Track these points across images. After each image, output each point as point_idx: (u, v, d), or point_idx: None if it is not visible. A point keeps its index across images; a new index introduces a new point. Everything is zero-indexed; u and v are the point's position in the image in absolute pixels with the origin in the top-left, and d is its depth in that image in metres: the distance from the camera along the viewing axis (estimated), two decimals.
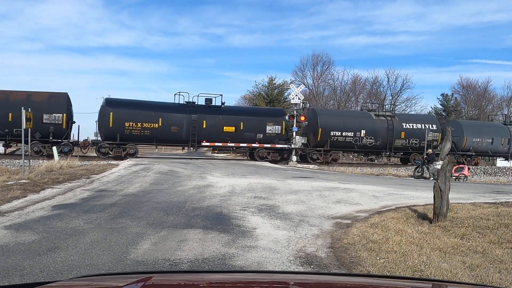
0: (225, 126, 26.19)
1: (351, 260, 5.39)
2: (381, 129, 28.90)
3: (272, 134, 26.92)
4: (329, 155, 28.02)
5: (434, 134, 29.85)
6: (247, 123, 26.52)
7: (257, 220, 7.74)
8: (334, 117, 29.23)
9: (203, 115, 25.82)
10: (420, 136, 29.15)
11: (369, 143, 28.89)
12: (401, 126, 29.45)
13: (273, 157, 26.92)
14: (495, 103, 57.50)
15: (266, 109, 28.68)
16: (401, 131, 29.41)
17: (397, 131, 29.22)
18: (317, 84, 55.78)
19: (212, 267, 4.86)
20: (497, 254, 5.76)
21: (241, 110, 29.03)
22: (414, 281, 2.28)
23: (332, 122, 28.24)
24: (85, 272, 4.46)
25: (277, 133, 27.03)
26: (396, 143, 29.39)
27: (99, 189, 11.23)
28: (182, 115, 25.51)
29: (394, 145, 29.26)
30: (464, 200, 10.71)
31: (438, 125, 30.85)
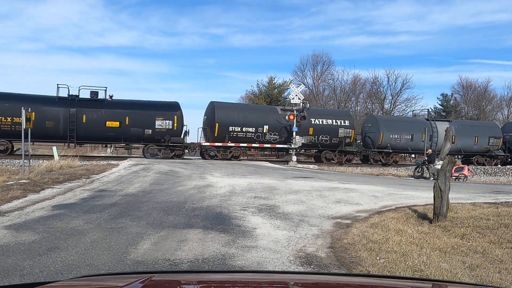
0: (108, 121, 24.00)
1: (351, 260, 5.39)
2: (286, 124, 27.29)
3: (162, 130, 24.91)
4: (229, 152, 26.44)
5: (347, 130, 28.57)
6: (133, 118, 24.38)
7: (257, 220, 7.74)
8: (233, 111, 27.31)
9: (84, 108, 23.78)
10: (331, 132, 28.07)
11: (273, 139, 27.24)
12: (309, 122, 27.79)
13: (165, 154, 25.01)
14: (495, 103, 57.54)
15: (157, 102, 26.54)
16: (309, 127, 27.83)
17: (305, 126, 27.61)
18: (317, 84, 55.80)
19: (212, 267, 4.86)
20: (497, 254, 5.76)
21: (128, 103, 25.87)
22: (414, 281, 2.28)
23: (231, 117, 26.62)
24: (85, 272, 4.46)
25: (168, 128, 24.98)
26: (305, 140, 27.58)
27: (99, 189, 11.23)
28: (59, 108, 23.56)
29: (303, 142, 27.55)
30: (464, 200, 10.71)
31: (351, 121, 29.47)
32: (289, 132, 27.16)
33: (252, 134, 26.90)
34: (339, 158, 28.47)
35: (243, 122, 26.85)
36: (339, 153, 28.49)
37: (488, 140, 31.69)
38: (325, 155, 28.49)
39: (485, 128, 32.81)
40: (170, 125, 25.26)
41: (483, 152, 31.65)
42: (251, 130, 26.86)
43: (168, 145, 25.14)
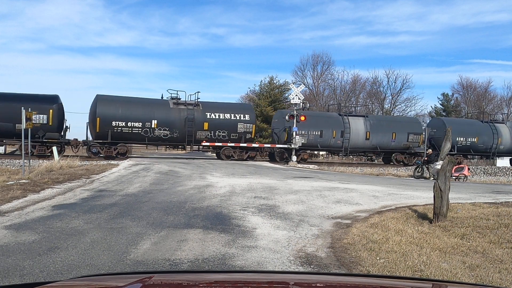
0: None
1: (351, 260, 5.39)
2: (178, 119, 25.69)
3: (36, 125, 23.64)
4: (114, 148, 24.73)
5: (247, 125, 26.84)
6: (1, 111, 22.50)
7: (257, 220, 7.74)
8: (116, 105, 25.15)
9: None
10: (229, 127, 26.43)
11: (164, 135, 25.34)
12: (205, 116, 26.21)
13: (39, 151, 23.74)
14: (495, 103, 57.55)
15: (32, 95, 24.58)
16: (204, 121, 26.14)
17: (199, 121, 25.98)
18: (317, 84, 55.84)
19: (212, 267, 4.86)
20: (497, 254, 5.76)
21: None
22: (414, 281, 2.28)
23: (114, 111, 24.75)
24: (85, 272, 4.46)
25: (42, 123, 23.48)
26: (199, 135, 26.06)
27: (99, 189, 11.23)
28: None
29: (197, 138, 26.05)
30: (464, 200, 10.71)
31: (252, 115, 27.58)
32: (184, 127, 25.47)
33: (139, 129, 24.93)
34: (240, 155, 26.80)
35: (127, 116, 24.83)
36: (240, 149, 26.81)
37: (408, 137, 30.19)
38: (224, 152, 26.75)
39: (404, 124, 31.26)
40: (45, 120, 23.69)
41: (403, 149, 30.24)
42: (137, 125, 24.89)
43: (43, 142, 23.76)
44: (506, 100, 56.84)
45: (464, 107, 58.33)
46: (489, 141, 32.05)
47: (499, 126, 32.88)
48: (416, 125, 32.15)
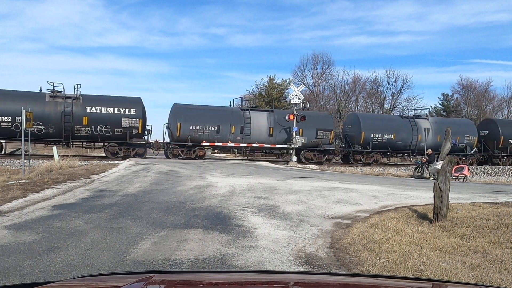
0: None
1: (351, 260, 5.39)
2: (54, 113, 23.99)
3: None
4: None
5: (133, 120, 25.14)
6: None
7: (257, 220, 7.74)
8: None
9: None
10: (113, 122, 24.61)
11: (38, 131, 23.21)
12: (85, 110, 24.38)
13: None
14: (495, 103, 57.54)
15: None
16: (83, 116, 24.32)
17: (79, 116, 24.18)
18: (317, 84, 55.81)
19: (212, 267, 4.86)
20: (497, 254, 5.76)
21: None
22: (414, 281, 2.28)
23: None
24: (85, 272, 4.46)
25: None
26: (79, 131, 24.33)
27: (99, 189, 11.23)
28: None
29: (76, 133, 24.47)
30: (464, 200, 10.71)
31: (139, 110, 25.52)
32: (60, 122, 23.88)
33: (8, 124, 23.12)
34: (126, 152, 25.17)
35: None
36: (126, 146, 25.27)
37: (316, 133, 28.73)
38: (109, 149, 25.18)
39: (313, 120, 29.07)
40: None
41: (312, 147, 28.68)
42: (6, 120, 23.09)
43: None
44: (506, 100, 56.84)
45: (464, 107, 58.33)
46: (408, 137, 30.39)
47: (420, 122, 31.01)
48: (326, 121, 30.30)
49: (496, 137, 32.47)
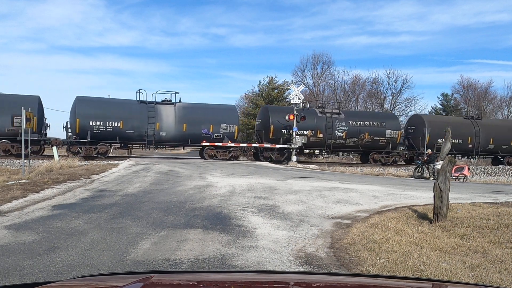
0: None
1: (351, 260, 5.39)
2: None
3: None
4: None
5: None
6: None
7: (257, 220, 7.74)
8: None
9: None
10: None
11: None
12: None
13: None
14: (495, 103, 57.56)
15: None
16: None
17: None
18: (317, 84, 55.83)
19: (212, 267, 4.86)
20: (497, 254, 5.76)
21: None
22: (414, 281, 2.28)
23: None
24: (85, 272, 4.46)
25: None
26: None
27: (99, 189, 11.23)
28: None
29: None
30: (464, 200, 10.71)
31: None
32: None
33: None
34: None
35: None
36: None
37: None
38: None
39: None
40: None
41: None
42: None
43: None
44: (506, 100, 56.86)
45: (464, 107, 58.32)
46: (142, 126, 25.90)
47: (160, 107, 26.67)
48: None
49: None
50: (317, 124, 28.61)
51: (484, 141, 31.50)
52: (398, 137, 29.99)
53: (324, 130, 28.56)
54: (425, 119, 31.38)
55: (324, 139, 28.68)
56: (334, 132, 28.85)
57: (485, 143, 31.58)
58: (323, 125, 28.63)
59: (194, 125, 26.61)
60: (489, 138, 31.60)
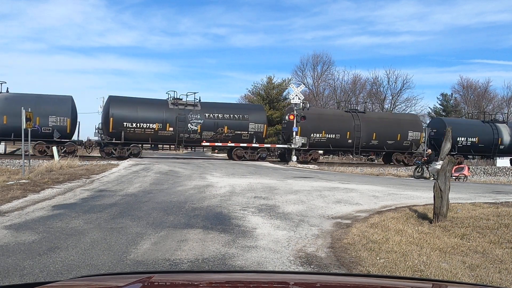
0: None
1: (351, 260, 5.39)
2: None
3: None
4: None
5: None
6: None
7: (257, 220, 7.74)
8: None
9: None
10: None
11: None
12: None
13: None
14: (495, 103, 57.57)
15: None
16: None
17: None
18: (317, 84, 55.83)
19: (212, 267, 4.86)
20: (497, 254, 5.75)
21: None
22: (414, 281, 2.28)
23: None
24: (85, 272, 4.46)
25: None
26: None
27: (99, 189, 11.23)
28: None
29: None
30: (464, 200, 10.71)
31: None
32: None
33: None
34: None
35: None
36: None
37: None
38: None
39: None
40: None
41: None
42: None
43: None
44: (506, 100, 56.87)
45: (464, 107, 58.36)
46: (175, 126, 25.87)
47: None
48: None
49: None
50: (166, 117, 25.67)
51: (366, 136, 29.10)
52: (264, 131, 27.66)
53: (175, 123, 25.71)
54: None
55: (175, 133, 25.79)
56: (187, 126, 26.02)
57: (368, 138, 29.16)
58: (173, 118, 25.80)
59: None
60: (371, 133, 29.15)
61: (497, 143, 32.15)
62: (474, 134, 31.71)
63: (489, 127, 32.49)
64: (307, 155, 28.19)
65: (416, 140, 30.29)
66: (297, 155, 27.50)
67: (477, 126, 32.84)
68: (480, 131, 32.12)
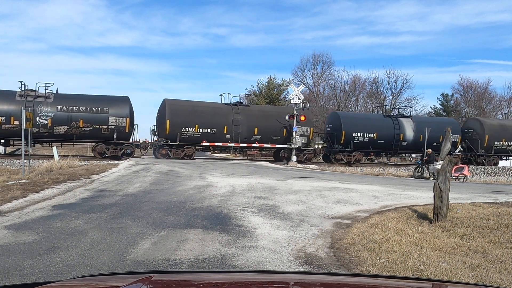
0: None
1: (351, 260, 5.39)
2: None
3: None
4: None
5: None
6: None
7: (257, 220, 7.74)
8: None
9: None
10: None
11: None
12: None
13: None
14: (495, 103, 57.55)
15: None
16: None
17: None
18: (317, 84, 55.80)
19: (212, 267, 4.86)
20: (497, 254, 5.75)
21: None
22: (414, 281, 2.28)
23: None
24: (85, 272, 4.46)
25: None
26: None
27: (99, 189, 11.23)
28: None
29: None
30: (464, 200, 10.71)
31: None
32: None
33: None
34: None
35: None
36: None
37: None
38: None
39: None
40: None
41: None
42: None
43: None
44: (506, 100, 56.86)
45: (464, 107, 58.35)
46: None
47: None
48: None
49: None
50: (11, 109, 23.29)
51: (247, 131, 27.39)
52: (126, 125, 24.86)
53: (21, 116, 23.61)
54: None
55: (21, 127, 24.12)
56: (35, 119, 22.59)
57: (249, 133, 27.47)
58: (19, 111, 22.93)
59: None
60: (253, 128, 27.51)
61: (398, 139, 30.09)
62: (373, 129, 29.75)
63: (390, 122, 30.47)
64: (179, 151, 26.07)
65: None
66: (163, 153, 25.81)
67: (376, 120, 31.01)
68: (379, 126, 30.09)
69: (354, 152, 29.37)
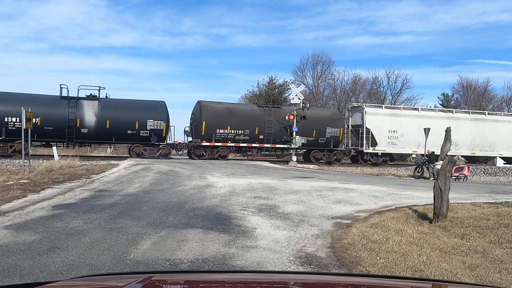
0: None
1: (351, 260, 5.39)
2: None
3: None
4: None
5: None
6: None
7: (257, 220, 7.74)
8: None
9: None
10: None
11: None
12: None
13: None
14: (495, 103, 57.58)
15: None
16: None
17: None
18: (317, 84, 55.80)
19: (212, 267, 4.86)
20: (497, 254, 5.75)
21: None
22: (414, 281, 2.28)
23: None
24: (85, 272, 4.46)
25: None
26: None
27: (99, 189, 11.23)
28: None
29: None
30: (464, 200, 10.71)
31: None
32: None
33: None
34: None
35: None
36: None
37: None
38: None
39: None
40: None
41: None
42: None
43: None
44: (506, 100, 56.89)
45: (464, 107, 58.35)
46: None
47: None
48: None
49: None
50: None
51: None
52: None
53: None
54: None
55: None
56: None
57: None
58: None
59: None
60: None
61: (73, 125, 23.57)
62: None
63: (64, 104, 23.67)
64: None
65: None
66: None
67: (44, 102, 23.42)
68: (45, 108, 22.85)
69: None
